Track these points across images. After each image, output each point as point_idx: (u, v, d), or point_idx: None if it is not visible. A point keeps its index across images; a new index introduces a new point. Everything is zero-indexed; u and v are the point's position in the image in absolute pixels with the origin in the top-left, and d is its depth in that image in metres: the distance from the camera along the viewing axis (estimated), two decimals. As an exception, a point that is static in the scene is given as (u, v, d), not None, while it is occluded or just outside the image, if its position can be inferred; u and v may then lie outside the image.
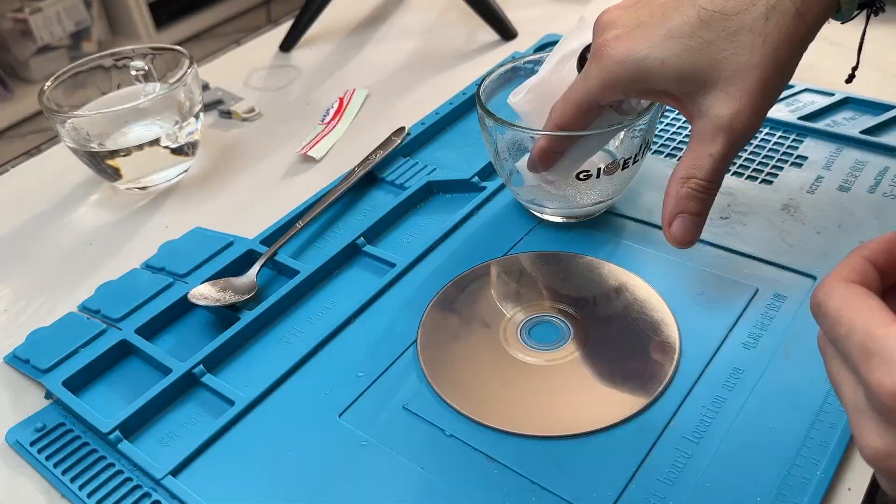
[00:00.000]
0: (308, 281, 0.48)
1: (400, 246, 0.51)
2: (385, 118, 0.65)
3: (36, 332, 0.47)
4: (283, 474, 0.37)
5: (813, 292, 0.28)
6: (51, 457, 0.40)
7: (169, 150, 0.58)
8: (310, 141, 0.62)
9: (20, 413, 0.43)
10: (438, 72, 0.71)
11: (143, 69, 0.63)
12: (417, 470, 0.37)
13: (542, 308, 0.44)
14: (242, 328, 0.45)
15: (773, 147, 0.54)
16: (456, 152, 0.59)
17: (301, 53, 0.78)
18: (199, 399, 0.42)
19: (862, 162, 0.52)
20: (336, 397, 0.41)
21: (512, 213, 0.52)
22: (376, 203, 0.55)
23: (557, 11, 0.78)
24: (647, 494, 0.34)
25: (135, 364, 0.45)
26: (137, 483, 0.38)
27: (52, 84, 0.59)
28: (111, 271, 0.52)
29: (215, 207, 0.58)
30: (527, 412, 0.39)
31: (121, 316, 0.47)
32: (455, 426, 0.38)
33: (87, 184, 0.62)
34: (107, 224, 0.58)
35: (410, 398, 0.40)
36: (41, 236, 0.57)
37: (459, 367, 0.41)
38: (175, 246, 0.53)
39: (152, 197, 0.60)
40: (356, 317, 0.45)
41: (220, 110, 0.69)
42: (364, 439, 0.38)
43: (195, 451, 0.39)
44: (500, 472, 0.36)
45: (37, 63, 1.96)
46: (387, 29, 0.81)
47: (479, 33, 0.76)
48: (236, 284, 0.47)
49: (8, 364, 0.46)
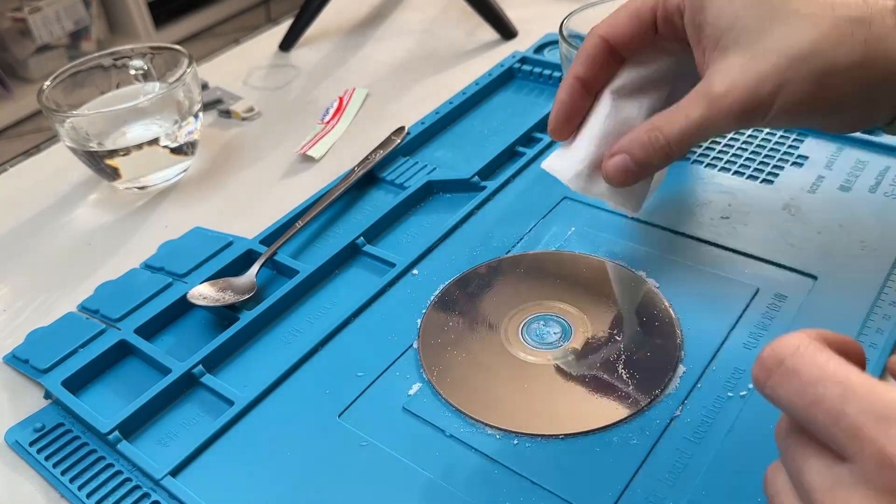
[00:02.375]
0: (308, 281, 0.48)
1: (400, 246, 0.51)
2: (385, 117, 0.65)
3: (35, 332, 0.47)
4: (283, 474, 0.37)
5: (770, 347, 0.24)
6: (50, 457, 0.40)
7: (168, 150, 0.58)
8: (309, 140, 0.62)
9: (19, 413, 0.43)
10: (438, 71, 0.71)
11: (142, 68, 0.63)
12: (417, 470, 0.37)
13: (543, 307, 0.44)
14: (242, 328, 0.45)
15: (774, 147, 0.54)
16: (456, 152, 0.59)
17: (300, 53, 0.78)
18: (199, 399, 0.42)
19: (863, 161, 0.52)
20: (336, 397, 0.41)
21: (512, 212, 0.51)
22: (376, 203, 0.55)
23: (557, 10, 0.78)
24: (647, 494, 0.34)
25: (134, 364, 0.45)
26: (137, 483, 0.38)
27: (52, 83, 0.59)
28: (110, 271, 0.52)
29: (215, 207, 0.58)
30: (528, 412, 0.38)
31: (120, 316, 0.47)
32: (455, 426, 0.38)
33: (86, 183, 0.62)
34: (106, 224, 0.57)
35: (410, 398, 0.40)
36: (40, 236, 0.57)
37: (461, 367, 0.41)
38: (174, 246, 0.53)
39: (151, 196, 0.59)
40: (356, 317, 0.45)
41: (219, 110, 0.69)
42: (364, 439, 0.38)
43: (195, 452, 0.39)
44: (500, 472, 0.36)
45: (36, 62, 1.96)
46: (386, 28, 0.81)
47: (479, 32, 0.76)
48: (236, 284, 0.47)
49: (7, 364, 0.46)
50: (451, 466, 0.36)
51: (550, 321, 0.43)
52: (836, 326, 0.40)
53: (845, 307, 0.41)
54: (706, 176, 0.52)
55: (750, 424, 0.37)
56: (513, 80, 0.67)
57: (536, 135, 0.59)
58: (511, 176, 0.54)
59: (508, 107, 0.64)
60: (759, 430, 0.36)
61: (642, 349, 0.41)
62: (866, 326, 0.40)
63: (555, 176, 0.43)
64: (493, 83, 0.65)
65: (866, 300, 0.42)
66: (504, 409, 0.39)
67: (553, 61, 0.66)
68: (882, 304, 0.41)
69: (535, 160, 0.56)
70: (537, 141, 0.58)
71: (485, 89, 0.65)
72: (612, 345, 0.41)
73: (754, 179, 0.52)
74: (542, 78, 0.65)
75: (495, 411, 0.39)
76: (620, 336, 0.42)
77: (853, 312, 0.41)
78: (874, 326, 0.40)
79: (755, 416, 0.37)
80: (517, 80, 0.67)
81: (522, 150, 0.57)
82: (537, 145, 0.57)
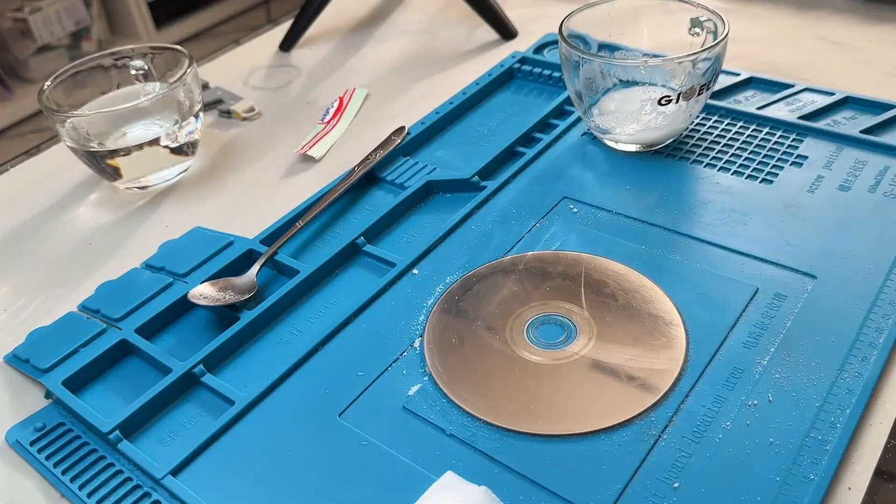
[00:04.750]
0: (308, 281, 0.48)
1: (400, 246, 0.51)
2: (385, 117, 0.65)
3: (36, 331, 0.47)
4: (283, 474, 0.37)
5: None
6: (51, 456, 0.40)
7: (168, 150, 0.58)
8: (309, 140, 0.62)
9: (20, 413, 0.43)
10: (438, 71, 0.71)
11: (142, 69, 0.63)
12: (417, 470, 0.37)
13: (549, 307, 0.44)
14: (242, 328, 0.45)
15: (774, 146, 0.54)
16: (456, 152, 0.59)
17: (301, 53, 0.78)
18: (199, 399, 0.42)
19: (862, 161, 0.52)
20: (336, 397, 0.41)
21: (512, 212, 0.51)
22: (376, 203, 0.55)
23: (557, 10, 0.78)
24: (647, 494, 0.34)
25: (135, 364, 0.45)
26: (137, 483, 0.38)
27: (52, 83, 0.59)
28: (111, 271, 0.52)
29: (215, 207, 0.58)
30: (531, 411, 0.38)
31: (121, 315, 0.47)
32: (455, 426, 0.38)
33: (86, 183, 0.62)
34: (106, 223, 0.57)
35: (410, 398, 0.40)
36: (41, 236, 0.57)
37: (466, 366, 0.41)
38: (175, 245, 0.53)
39: (152, 196, 0.59)
40: (356, 316, 0.45)
41: (219, 110, 0.69)
42: (364, 439, 0.38)
43: (195, 451, 0.39)
44: (500, 472, 0.36)
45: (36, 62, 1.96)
46: (386, 28, 0.81)
47: (479, 32, 0.76)
48: (236, 284, 0.47)
49: (8, 364, 0.46)
50: (451, 466, 0.36)
51: (556, 321, 0.43)
52: (835, 326, 0.41)
53: (845, 307, 0.41)
54: (706, 176, 0.52)
55: (750, 424, 0.37)
56: (513, 81, 0.67)
57: (536, 135, 0.59)
58: (511, 176, 0.54)
59: (508, 107, 0.64)
60: (759, 430, 0.36)
61: (643, 349, 0.41)
62: (866, 326, 0.40)
63: None
64: (493, 83, 0.65)
65: (866, 300, 0.42)
66: (505, 409, 0.39)
67: (553, 61, 0.66)
68: (882, 304, 0.41)
69: (534, 160, 0.56)
70: (537, 141, 0.58)
71: (485, 89, 0.65)
72: (613, 345, 0.41)
73: (754, 179, 0.52)
74: (542, 78, 0.66)
75: (500, 410, 0.39)
76: (625, 336, 0.42)
77: (853, 312, 0.41)
78: (874, 326, 0.40)
79: (755, 416, 0.37)
80: (517, 81, 0.67)
81: (522, 150, 0.57)
82: (537, 145, 0.57)
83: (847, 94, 0.57)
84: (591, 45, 0.58)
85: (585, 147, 0.57)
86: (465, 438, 0.38)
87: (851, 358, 0.39)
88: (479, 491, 0.34)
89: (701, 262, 0.46)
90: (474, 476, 0.36)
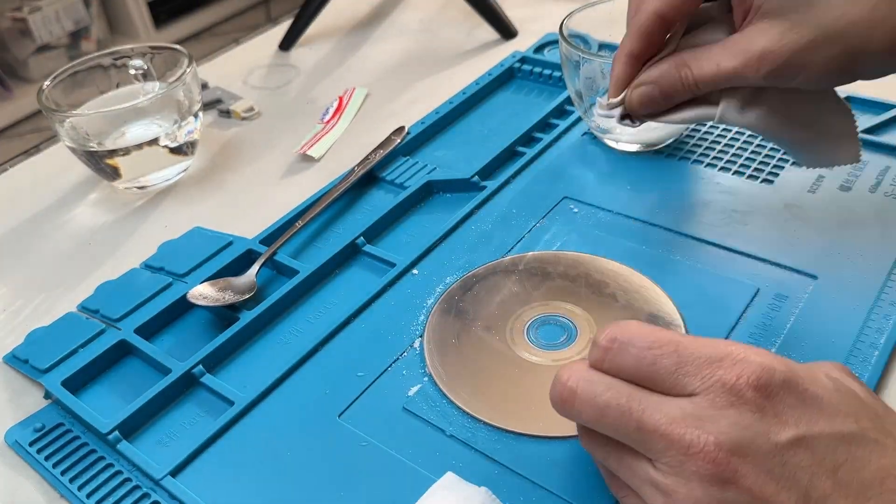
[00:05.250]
0: (308, 281, 0.48)
1: (400, 246, 0.51)
2: (385, 117, 0.65)
3: (35, 331, 0.47)
4: (283, 474, 0.37)
5: (600, 333, 0.30)
6: (50, 457, 0.40)
7: (168, 150, 0.58)
8: (309, 140, 0.62)
9: (19, 413, 0.43)
10: (438, 71, 0.71)
11: (142, 68, 0.63)
12: (417, 470, 0.37)
13: (550, 308, 0.44)
14: (242, 328, 0.44)
15: (774, 146, 0.54)
16: (456, 152, 0.59)
17: (300, 52, 0.78)
18: (199, 399, 0.42)
19: (863, 161, 0.52)
20: (336, 397, 0.41)
21: (512, 212, 0.51)
22: (376, 203, 0.55)
23: (557, 10, 0.78)
24: (647, 495, 0.34)
25: (134, 364, 0.45)
26: (136, 483, 0.38)
27: (51, 83, 0.58)
28: (110, 271, 0.52)
29: (214, 207, 0.58)
30: (531, 412, 0.38)
31: (120, 316, 0.47)
32: (455, 426, 0.38)
33: (85, 183, 0.62)
34: (106, 223, 0.57)
35: (410, 398, 0.40)
36: (40, 236, 0.57)
37: (466, 367, 0.41)
38: (174, 245, 0.53)
39: (151, 196, 0.59)
40: (356, 317, 0.45)
41: (219, 109, 0.69)
42: (364, 439, 0.38)
43: (194, 452, 0.39)
44: (500, 473, 0.36)
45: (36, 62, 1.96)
46: (386, 28, 0.81)
47: (479, 32, 0.76)
48: (236, 284, 0.47)
49: (7, 364, 0.46)
50: (450, 467, 0.36)
51: (556, 322, 0.43)
52: (836, 326, 0.41)
53: (845, 307, 0.41)
54: (706, 176, 0.52)
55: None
56: (513, 80, 0.67)
57: (536, 135, 0.59)
58: (511, 176, 0.54)
59: (508, 107, 0.64)
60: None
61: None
62: (866, 326, 0.40)
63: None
64: (493, 83, 0.65)
65: (866, 300, 0.42)
66: (506, 410, 0.39)
67: (553, 61, 0.66)
68: (882, 304, 0.41)
69: (535, 160, 0.56)
70: (537, 141, 0.58)
71: (485, 89, 0.65)
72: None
73: (754, 179, 0.52)
74: (542, 78, 0.65)
75: (497, 411, 0.39)
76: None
77: (853, 312, 0.41)
78: (874, 326, 0.40)
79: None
80: (517, 80, 0.67)
81: (522, 150, 0.57)
82: (537, 145, 0.57)
83: (847, 93, 0.57)
84: (591, 45, 0.58)
85: (586, 147, 0.57)
86: (465, 439, 0.38)
87: (852, 358, 0.39)
88: (479, 492, 0.34)
89: (702, 262, 0.46)
90: (474, 477, 0.36)
